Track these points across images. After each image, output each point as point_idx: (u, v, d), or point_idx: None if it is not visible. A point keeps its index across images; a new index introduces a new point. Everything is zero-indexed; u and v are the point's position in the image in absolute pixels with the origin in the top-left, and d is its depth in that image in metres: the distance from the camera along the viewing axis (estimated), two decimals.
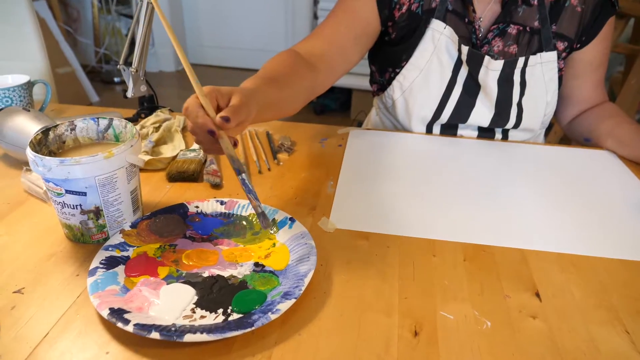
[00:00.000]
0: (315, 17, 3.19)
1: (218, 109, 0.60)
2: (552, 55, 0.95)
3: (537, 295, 0.58)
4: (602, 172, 0.88)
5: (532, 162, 0.91)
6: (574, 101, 1.06)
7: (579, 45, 0.98)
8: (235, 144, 0.59)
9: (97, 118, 0.71)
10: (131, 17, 3.82)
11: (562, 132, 1.98)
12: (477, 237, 0.68)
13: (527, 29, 0.94)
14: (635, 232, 0.71)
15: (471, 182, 0.83)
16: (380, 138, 0.98)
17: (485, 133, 1.03)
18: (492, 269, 0.62)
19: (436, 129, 1.03)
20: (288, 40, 3.84)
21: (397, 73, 1.00)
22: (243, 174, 0.58)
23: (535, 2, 0.92)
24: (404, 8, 0.94)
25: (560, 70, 0.99)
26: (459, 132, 1.03)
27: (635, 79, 1.77)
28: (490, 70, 0.94)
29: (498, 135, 1.04)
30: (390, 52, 1.00)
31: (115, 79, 3.80)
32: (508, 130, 1.03)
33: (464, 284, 0.59)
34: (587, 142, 1.03)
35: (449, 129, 1.03)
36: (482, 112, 0.99)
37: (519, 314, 0.55)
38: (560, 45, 0.96)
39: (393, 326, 0.53)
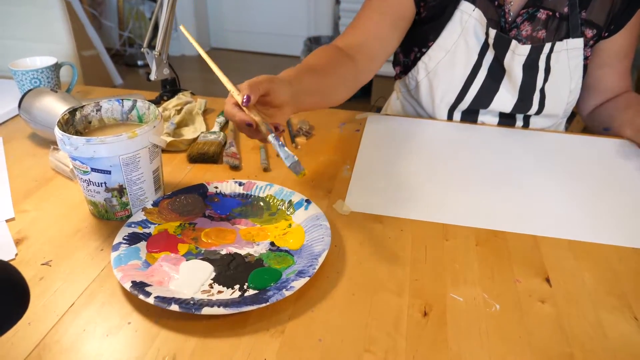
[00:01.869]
0: (337, 1, 3.17)
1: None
2: (578, 42, 0.95)
3: (548, 280, 0.59)
4: (620, 161, 0.87)
5: (549, 150, 0.91)
6: (598, 91, 1.04)
7: (607, 34, 0.97)
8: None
9: (122, 99, 0.73)
10: (155, 0, 3.85)
11: None
12: (490, 222, 0.69)
13: (557, 14, 0.93)
14: None
15: (487, 168, 0.83)
16: (397, 124, 0.99)
17: (506, 120, 1.03)
18: (503, 254, 0.63)
19: (457, 115, 1.03)
20: (310, 25, 3.83)
21: (423, 53, 1.00)
22: (271, 136, 0.61)
23: None
24: None
25: (586, 58, 0.98)
26: (480, 118, 1.03)
27: None
28: (517, 55, 0.94)
29: (519, 122, 1.04)
30: (417, 32, 1.00)
31: (139, 62, 3.84)
32: (530, 117, 1.03)
33: (475, 267, 0.60)
34: (606, 131, 1.02)
35: (470, 115, 1.03)
36: (506, 97, 0.99)
37: (528, 298, 0.56)
38: (589, 33, 0.95)
39: (403, 306, 0.54)
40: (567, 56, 0.95)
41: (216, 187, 0.73)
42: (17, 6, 1.94)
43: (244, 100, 0.61)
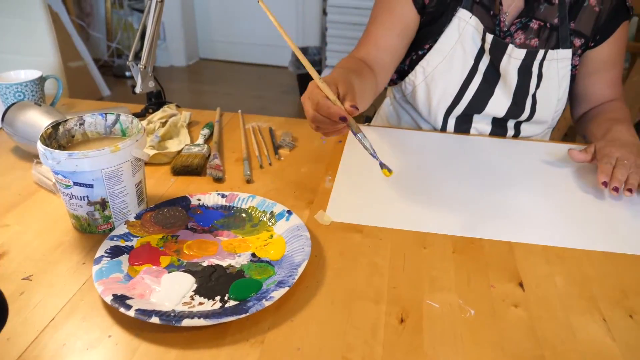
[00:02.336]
0: (324, 12, 3.20)
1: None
2: (567, 53, 0.98)
3: (521, 285, 0.60)
4: (590, 167, 0.89)
5: (525, 159, 0.93)
6: (586, 99, 1.07)
7: (593, 44, 1.01)
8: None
9: (105, 113, 0.74)
10: (143, 11, 3.86)
11: (565, 128, 1.98)
12: (468, 230, 0.70)
13: (548, 25, 0.97)
14: (618, 225, 0.74)
15: (466, 177, 0.85)
16: (379, 135, 1.00)
17: (498, 126, 1.06)
18: (479, 261, 0.64)
19: (451, 120, 1.06)
20: (299, 35, 3.86)
21: (420, 57, 1.03)
22: (360, 134, 0.67)
23: (556, 1, 0.96)
24: None
25: (574, 67, 1.02)
26: (474, 124, 1.06)
27: (637, 76, 1.77)
28: (513, 59, 0.97)
29: (510, 130, 1.06)
30: (416, 36, 1.04)
31: (127, 73, 3.84)
32: (521, 123, 1.05)
33: (451, 274, 0.62)
34: (584, 139, 1.05)
35: (464, 120, 1.06)
36: (500, 102, 1.02)
37: (502, 303, 0.58)
38: (577, 42, 0.99)
39: (381, 313, 0.56)
40: (557, 66, 0.99)
41: (199, 200, 0.74)
42: (2, 18, 1.94)
43: (353, 110, 0.66)
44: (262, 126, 1.02)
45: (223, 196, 0.75)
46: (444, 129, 1.07)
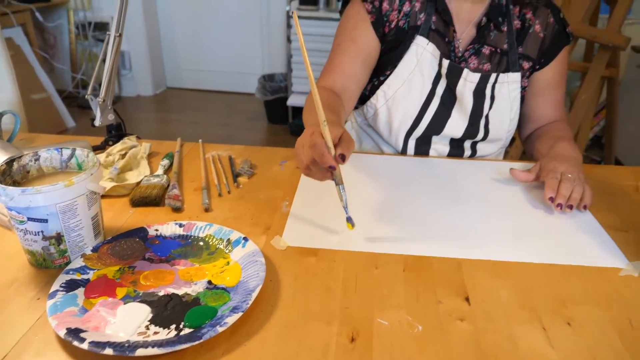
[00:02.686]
0: (289, 40, 3.27)
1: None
2: (517, 76, 1.05)
3: (467, 299, 0.63)
4: (536, 185, 0.94)
5: (480, 178, 0.97)
6: (533, 118, 1.13)
7: (539, 67, 1.07)
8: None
9: (61, 148, 0.75)
10: (121, 35, 3.86)
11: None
12: (418, 249, 0.73)
13: (498, 50, 1.04)
14: (560, 238, 0.78)
15: (420, 198, 0.88)
16: None
17: (456, 147, 1.11)
18: (428, 278, 0.67)
19: (412, 141, 1.10)
20: (265, 62, 3.92)
21: (381, 82, 1.07)
22: (340, 185, 0.72)
23: (505, 29, 1.03)
24: (393, 24, 1.03)
25: (524, 89, 1.08)
26: (433, 145, 1.10)
27: (585, 94, 1.87)
28: (468, 82, 1.03)
29: (467, 150, 1.11)
30: (377, 63, 1.08)
31: None
32: (477, 142, 1.10)
33: (401, 292, 0.64)
34: (532, 158, 1.10)
35: (424, 141, 1.10)
36: (457, 123, 1.07)
37: (448, 317, 0.60)
38: (526, 65, 1.06)
39: (332, 334, 0.57)
40: (508, 88, 1.05)
41: (157, 230, 0.76)
42: None
43: (339, 159, 0.68)
44: (222, 155, 1.04)
45: (180, 225, 0.76)
46: (404, 150, 1.11)
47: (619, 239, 0.78)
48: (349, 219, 0.74)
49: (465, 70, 1.02)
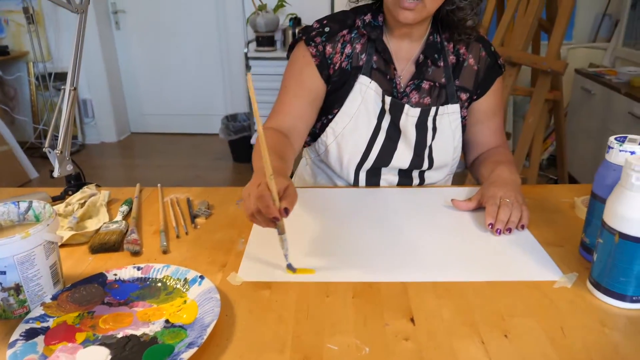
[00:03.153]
0: None
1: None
2: (456, 107, 1.12)
3: (412, 320, 0.67)
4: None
5: (428, 205, 1.03)
6: (475, 145, 1.21)
7: (476, 97, 1.15)
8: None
9: (18, 202, 0.78)
10: (76, 88, 3.87)
11: None
12: (367, 275, 0.78)
13: (437, 84, 1.11)
14: (499, 256, 0.84)
15: (370, 227, 0.93)
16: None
17: (404, 177, 1.17)
18: (376, 302, 0.71)
19: (362, 174, 1.16)
20: (227, 103, 3.98)
21: (330, 120, 1.13)
22: (283, 235, 0.78)
23: (441, 64, 1.11)
24: (337, 65, 1.10)
25: (464, 118, 1.15)
26: (383, 176, 1.16)
27: (532, 117, 1.98)
28: (410, 117, 1.09)
29: (415, 179, 1.17)
30: (324, 102, 1.14)
31: None
32: (424, 171, 1.16)
33: (350, 318, 0.68)
34: (478, 182, 1.17)
35: (374, 173, 1.16)
36: (403, 155, 1.13)
37: (394, 338, 0.64)
38: (463, 96, 1.13)
39: None
40: (449, 118, 1.12)
41: (115, 274, 0.78)
42: None
43: (283, 213, 0.74)
44: (180, 197, 1.07)
45: (139, 269, 0.79)
46: (356, 182, 1.16)
47: (554, 253, 0.84)
48: (289, 266, 0.79)
49: (407, 106, 1.08)
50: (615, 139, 0.76)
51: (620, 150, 0.74)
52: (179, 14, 3.82)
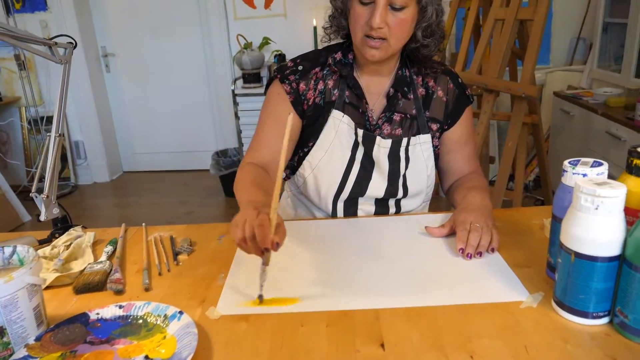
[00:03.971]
0: (237, 116, 3.41)
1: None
2: (427, 137, 1.17)
3: (382, 346, 0.70)
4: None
5: (403, 232, 1.06)
6: (450, 173, 1.25)
7: (447, 127, 1.20)
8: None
9: (2, 247, 0.81)
10: (61, 135, 3.93)
11: None
12: (340, 304, 0.80)
13: (408, 116, 1.16)
14: (468, 280, 0.87)
15: (346, 256, 0.96)
16: None
17: (381, 206, 1.20)
18: (349, 330, 0.74)
19: (340, 204, 1.19)
20: (218, 139, 4.04)
21: (306, 153, 1.17)
22: (265, 266, 0.82)
23: (412, 97, 1.16)
24: (310, 101, 1.15)
25: (436, 147, 1.20)
26: (360, 206, 1.20)
27: (511, 141, 2.03)
28: (382, 148, 1.14)
29: (392, 207, 1.21)
30: (300, 136, 1.19)
31: None
32: (400, 200, 1.20)
33: (323, 346, 0.71)
34: (454, 207, 1.20)
35: (351, 203, 1.19)
36: (378, 184, 1.17)
37: None
38: (434, 127, 1.18)
39: None
40: (421, 148, 1.16)
41: (97, 314, 0.80)
42: None
43: (274, 246, 0.78)
44: (163, 235, 1.11)
45: (120, 307, 0.81)
46: (334, 213, 1.20)
47: (522, 274, 0.88)
48: (259, 297, 0.83)
49: (378, 137, 1.13)
50: (569, 162, 0.80)
51: (573, 173, 0.78)
52: (167, 55, 3.91)
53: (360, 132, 1.13)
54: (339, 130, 1.14)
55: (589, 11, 3.32)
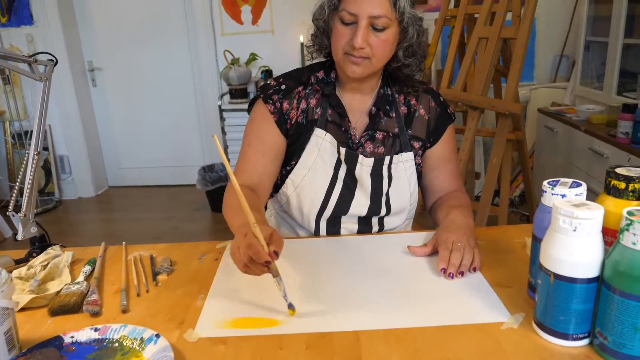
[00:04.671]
0: (223, 131, 3.41)
1: None
2: (409, 155, 1.17)
3: None
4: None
5: (385, 251, 1.06)
6: (433, 190, 1.25)
7: (429, 145, 1.21)
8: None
9: None
10: (46, 149, 3.90)
11: None
12: (320, 326, 0.79)
13: (390, 134, 1.16)
14: (449, 301, 0.86)
15: (325, 277, 0.96)
16: None
17: (364, 224, 1.20)
18: (327, 353, 0.73)
19: (323, 222, 1.19)
20: (205, 154, 4.03)
21: (289, 172, 1.17)
22: (277, 277, 0.82)
23: (394, 115, 1.16)
24: (293, 120, 1.15)
25: (419, 165, 1.20)
26: (343, 224, 1.19)
27: (495, 158, 2.05)
28: (364, 166, 1.14)
29: (375, 225, 1.21)
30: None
31: None
32: (383, 218, 1.20)
33: None
34: (437, 225, 1.20)
35: (334, 221, 1.19)
36: (361, 203, 1.16)
37: None
38: (417, 145, 1.18)
39: None
40: (404, 166, 1.16)
41: (72, 337, 0.79)
42: None
43: (274, 255, 0.79)
44: (143, 255, 1.09)
45: (96, 330, 0.80)
46: (317, 231, 1.19)
47: (504, 294, 0.87)
48: (290, 306, 0.83)
49: (360, 156, 1.13)
50: (548, 182, 0.81)
51: (552, 194, 0.79)
52: (154, 70, 3.91)
53: (343, 150, 1.13)
54: (321, 148, 1.14)
55: (572, 29, 3.38)
